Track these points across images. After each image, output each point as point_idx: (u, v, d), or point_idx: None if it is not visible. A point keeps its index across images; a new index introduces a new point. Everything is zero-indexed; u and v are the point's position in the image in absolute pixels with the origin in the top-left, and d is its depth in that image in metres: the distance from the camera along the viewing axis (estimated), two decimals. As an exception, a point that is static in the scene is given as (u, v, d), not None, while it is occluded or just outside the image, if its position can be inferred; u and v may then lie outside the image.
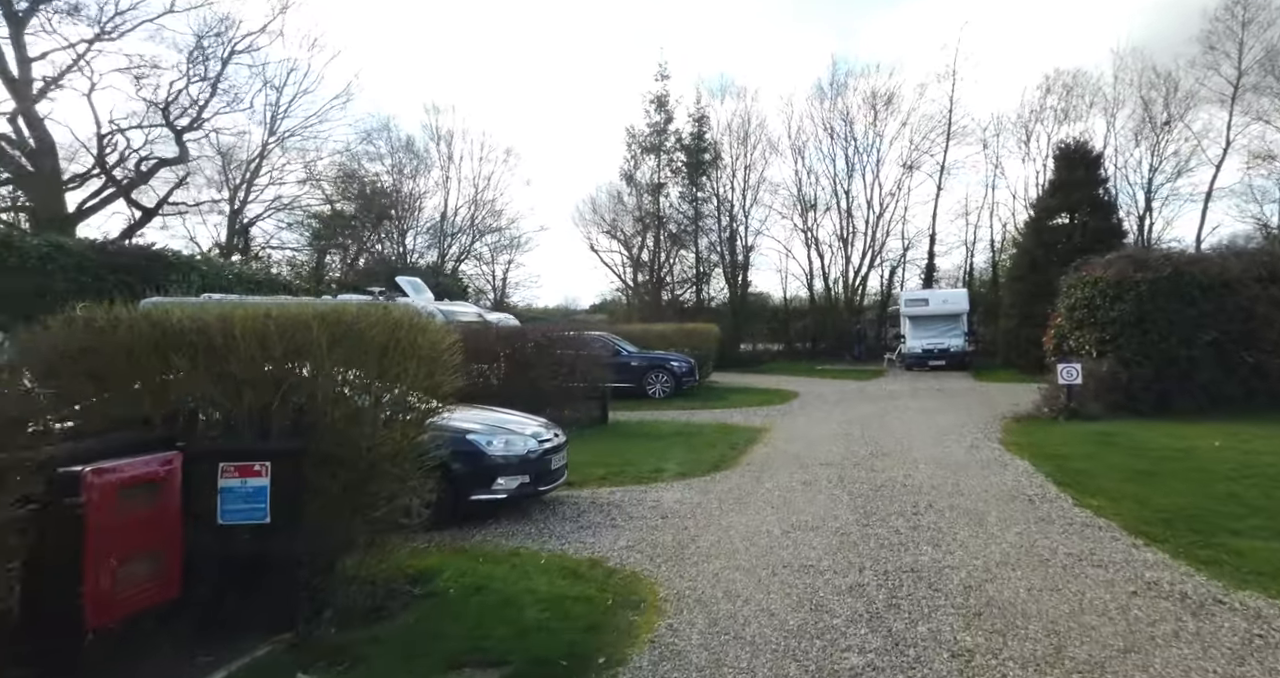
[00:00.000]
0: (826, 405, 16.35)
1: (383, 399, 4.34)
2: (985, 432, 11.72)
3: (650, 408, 16.14)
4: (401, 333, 4.46)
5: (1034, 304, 21.18)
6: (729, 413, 15.13)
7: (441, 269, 31.70)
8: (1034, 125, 31.26)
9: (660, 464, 9.11)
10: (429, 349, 4.74)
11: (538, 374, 12.19)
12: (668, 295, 36.46)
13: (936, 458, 9.42)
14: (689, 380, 18.25)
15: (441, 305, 16.73)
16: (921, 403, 16.49)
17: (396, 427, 4.45)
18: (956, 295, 28.32)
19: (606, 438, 11.39)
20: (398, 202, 30.00)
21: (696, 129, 33.29)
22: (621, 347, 18.30)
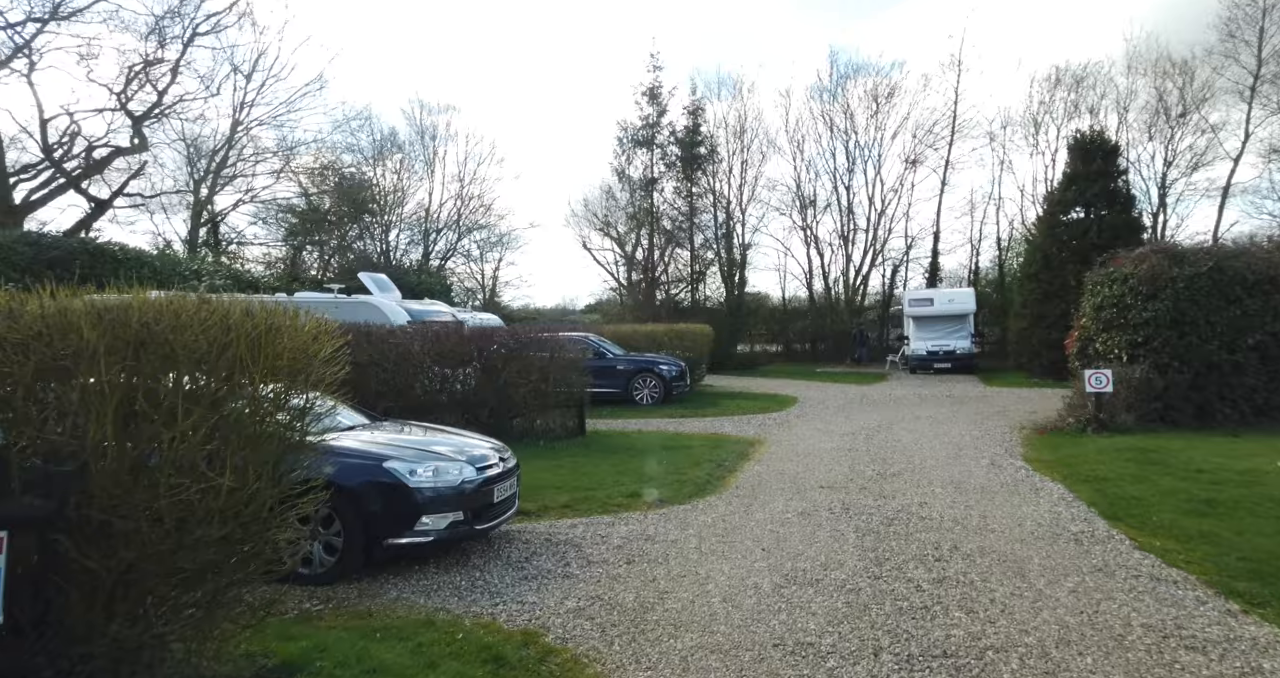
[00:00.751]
0: (827, 414, 15.11)
1: (203, 431, 3.07)
2: (1005, 446, 10.47)
3: (636, 416, 14.90)
4: (241, 335, 3.21)
5: (1047, 304, 19.96)
6: (721, 422, 13.88)
7: (425, 267, 30.44)
8: (1043, 118, 30.07)
9: (636, 487, 7.86)
10: (292, 357, 3.48)
11: (506, 380, 10.96)
12: (662, 295, 35.25)
13: (955, 480, 8.17)
14: (679, 386, 17.01)
15: (411, 304, 15.49)
16: (930, 411, 15.25)
17: (241, 468, 3.21)
18: (963, 295, 27.09)
19: (581, 453, 10.14)
20: (379, 195, 28.77)
21: (691, 122, 32.07)
22: (606, 349, 17.07)
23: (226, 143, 21.15)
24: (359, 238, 27.25)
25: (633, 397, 16.61)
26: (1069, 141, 20.86)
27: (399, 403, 10.53)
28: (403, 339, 10.88)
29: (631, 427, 13.41)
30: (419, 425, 6.58)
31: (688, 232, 33.18)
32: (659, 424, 13.71)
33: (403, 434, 6.12)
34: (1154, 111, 27.96)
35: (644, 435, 12.08)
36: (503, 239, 36.96)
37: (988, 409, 15.30)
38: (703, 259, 34.02)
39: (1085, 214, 19.85)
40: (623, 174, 32.88)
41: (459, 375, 11.02)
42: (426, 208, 31.58)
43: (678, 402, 16.82)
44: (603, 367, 16.66)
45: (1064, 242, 19.82)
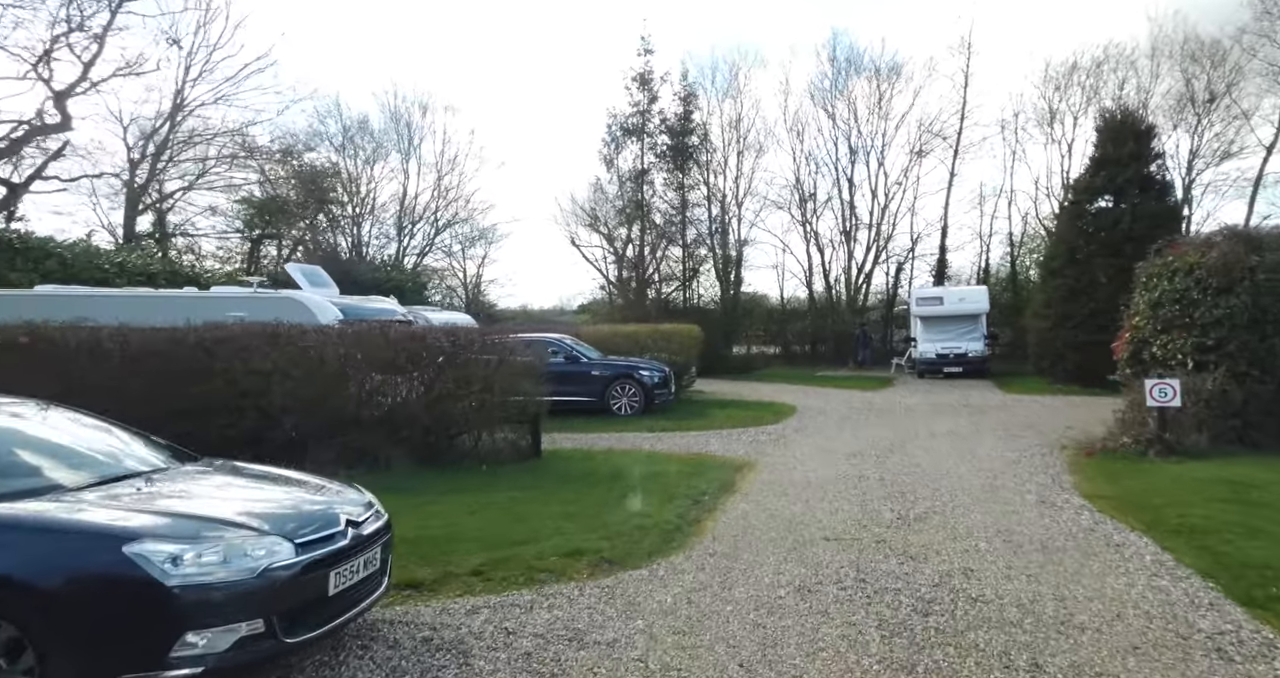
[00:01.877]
0: (829, 427, 13.16)
1: None
2: (1050, 473, 8.52)
3: (610, 428, 12.96)
4: None
5: (1072, 302, 18.03)
6: (707, 438, 11.93)
7: (399, 264, 28.50)
8: (1058, 105, 28.17)
9: (581, 539, 5.91)
10: None
11: (443, 391, 9.02)
12: (654, 294, 33.32)
13: (1002, 528, 6.22)
14: (662, 394, 15.05)
15: (351, 300, 13.52)
16: (947, 423, 13.29)
17: None
18: (975, 293, 25.17)
19: (528, 482, 8.20)
20: (349, 186, 26.83)
21: (683, 109, 30.12)
22: (580, 352, 15.13)
23: (168, 122, 19.16)
24: (326, 231, 25.29)
25: (609, 406, 14.68)
26: (1096, 122, 18.94)
27: (309, 420, 8.61)
28: (317, 341, 8.94)
29: (601, 443, 11.46)
30: (250, 473, 4.60)
31: (680, 227, 31.25)
32: (635, 440, 11.77)
33: (203, 486, 4.15)
34: (1179, 98, 26.06)
35: (613, 456, 10.12)
36: (484, 234, 34.97)
37: (1013, 422, 13.34)
38: (696, 256, 32.10)
39: (1115, 202, 17.90)
40: (611, 165, 30.94)
41: (388, 386, 9.08)
42: (401, 200, 29.64)
43: (660, 412, 14.87)
44: (575, 372, 14.75)
45: (1091, 233, 17.87)
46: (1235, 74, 25.43)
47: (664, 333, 17.74)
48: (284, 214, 22.60)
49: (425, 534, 5.95)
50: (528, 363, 9.77)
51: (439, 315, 20.23)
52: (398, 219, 29.21)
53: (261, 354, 8.66)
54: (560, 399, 14.70)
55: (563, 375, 14.66)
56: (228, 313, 10.68)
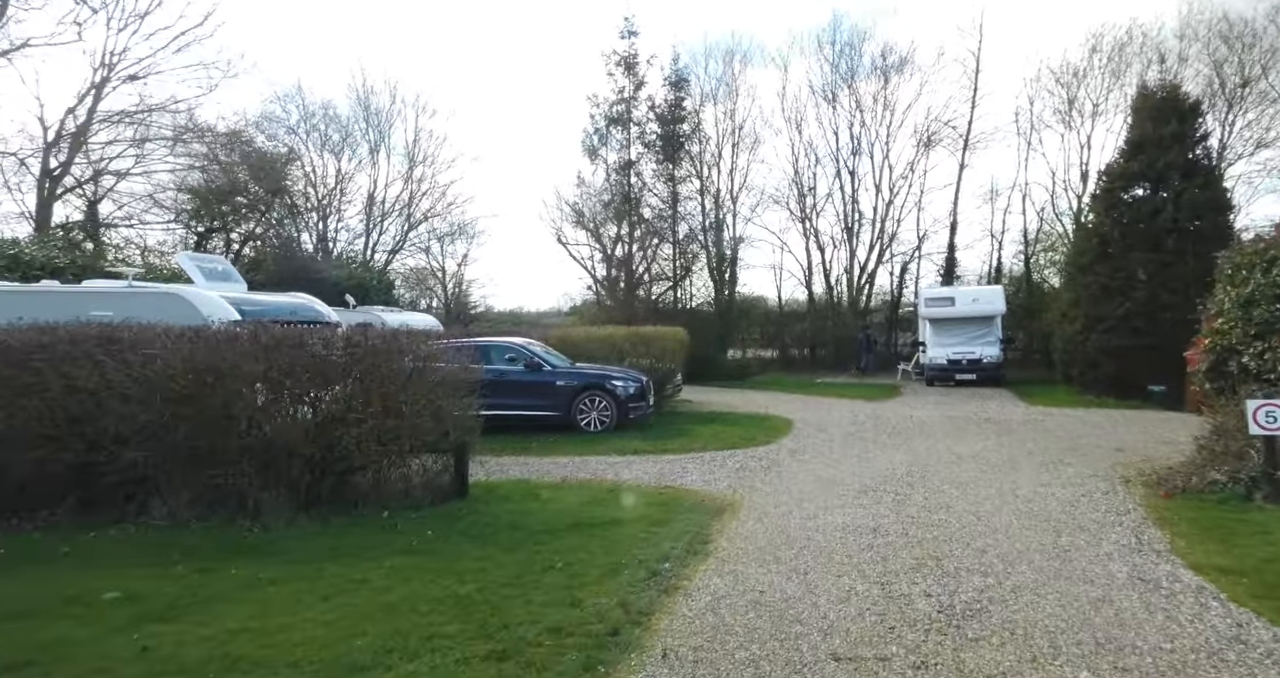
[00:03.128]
0: (832, 448, 11.07)
1: None
2: (1129, 526, 6.43)
3: (573, 449, 10.89)
4: None
5: (1106, 302, 15.96)
6: (685, 464, 9.84)
7: (367, 262, 26.40)
8: (1077, 90, 26.14)
9: (453, 657, 3.82)
10: None
11: (333, 413, 6.93)
12: (644, 295, 31.25)
13: (1100, 637, 4.12)
14: (638, 407, 12.96)
15: (260, 297, 11.44)
16: (972, 444, 11.21)
17: None
18: (990, 293, 23.10)
19: (428, 540, 6.11)
20: (311, 176, 24.76)
21: (673, 96, 28.05)
22: (543, 359, 13.02)
23: (91, 97, 17.04)
24: (288, 224, 23.16)
25: (577, 421, 12.60)
26: (1133, 100, 16.86)
27: (157, 453, 6.54)
28: (170, 349, 6.84)
29: (556, 471, 9.38)
30: None
31: (670, 222, 29.17)
32: (598, 466, 9.68)
33: None
34: (1208, 82, 24.01)
35: (562, 493, 8.03)
36: (462, 230, 32.84)
37: (1051, 442, 11.25)
38: (688, 254, 30.02)
39: (1153, 190, 15.84)
40: (596, 156, 28.85)
41: (271, 406, 6.98)
42: (370, 193, 27.55)
43: (636, 428, 12.81)
44: (537, 382, 12.68)
45: (1127, 225, 15.80)
46: (1271, 57, 23.43)
47: (644, 337, 15.65)
48: (233, 205, 20.50)
49: (219, 651, 3.88)
50: (453, 375, 7.65)
51: (395, 316, 18.16)
52: (366, 213, 27.12)
53: (88, 366, 6.57)
54: (520, 413, 12.72)
55: (522, 386, 12.64)
56: (90, 312, 8.65)
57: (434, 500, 7.25)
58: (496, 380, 12.58)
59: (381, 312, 18.08)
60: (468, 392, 7.80)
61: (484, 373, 12.99)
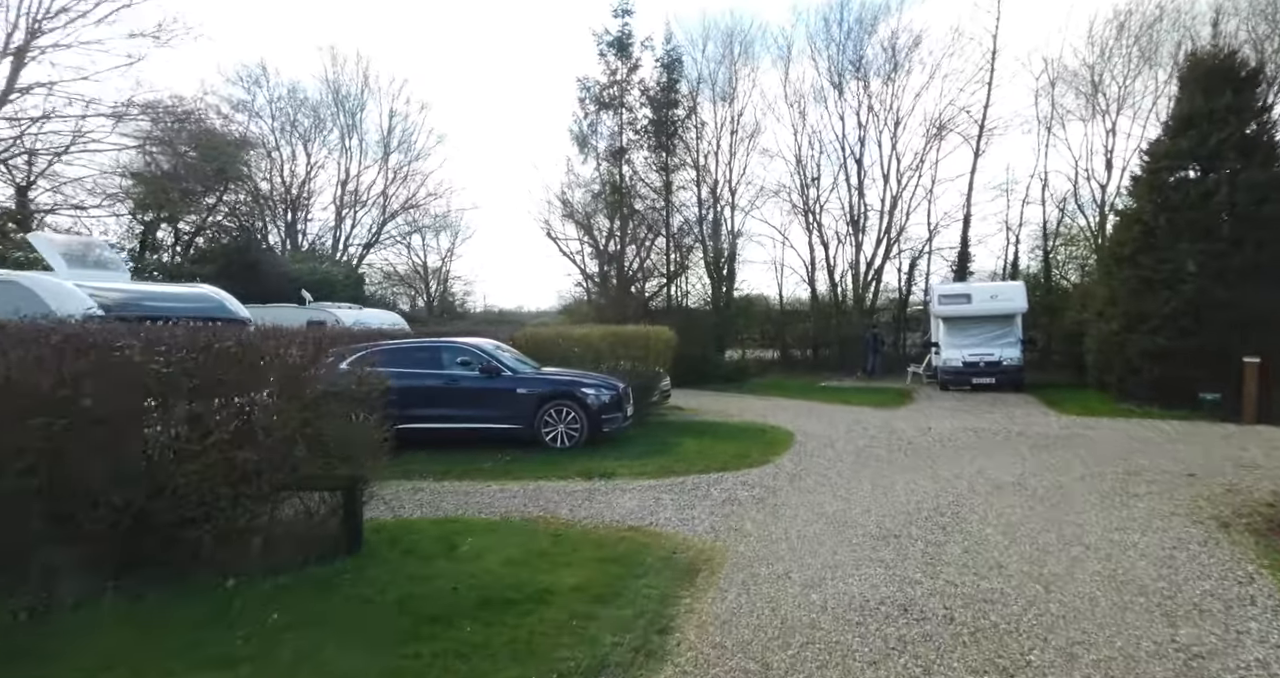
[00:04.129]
0: (840, 471, 9.21)
1: None
2: (1266, 597, 4.59)
3: (529, 472, 9.06)
4: None
5: (1149, 298, 14.09)
6: (659, 493, 8.00)
7: (335, 256, 24.59)
8: (1102, 72, 24.24)
9: None
10: None
11: (163, 442, 5.09)
12: (637, 291, 29.44)
13: None
14: (613, 419, 11.12)
15: (145, 288, 9.61)
16: (1009, 465, 9.35)
17: None
18: (1010, 289, 21.22)
19: (277, 628, 4.29)
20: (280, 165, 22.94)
21: (666, 78, 26.22)
22: (503, 363, 11.17)
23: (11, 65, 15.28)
24: (240, 213, 21.33)
25: (541, 435, 10.76)
26: (1181, 70, 14.96)
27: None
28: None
29: (498, 505, 7.56)
30: None
31: (664, 214, 27.34)
32: (551, 497, 7.86)
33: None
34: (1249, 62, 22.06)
35: (488, 543, 6.18)
36: (444, 223, 31.03)
37: (1102, 464, 9.38)
38: (683, 247, 28.19)
39: (1204, 171, 13.95)
40: (585, 143, 27.06)
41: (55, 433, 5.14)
42: (342, 183, 25.75)
43: (611, 442, 10.99)
44: (495, 391, 10.85)
45: (1175, 210, 13.91)
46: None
47: (625, 337, 13.81)
48: (182, 191, 18.70)
49: None
50: (342, 392, 5.81)
51: (352, 314, 16.37)
52: (337, 203, 25.32)
53: None
54: (473, 427, 10.89)
55: (477, 395, 10.82)
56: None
57: (311, 557, 5.41)
58: (446, 388, 10.80)
59: (336, 309, 16.29)
60: (367, 407, 5.96)
61: (433, 380, 11.26)
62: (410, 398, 10.68)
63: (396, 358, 10.93)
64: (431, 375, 10.82)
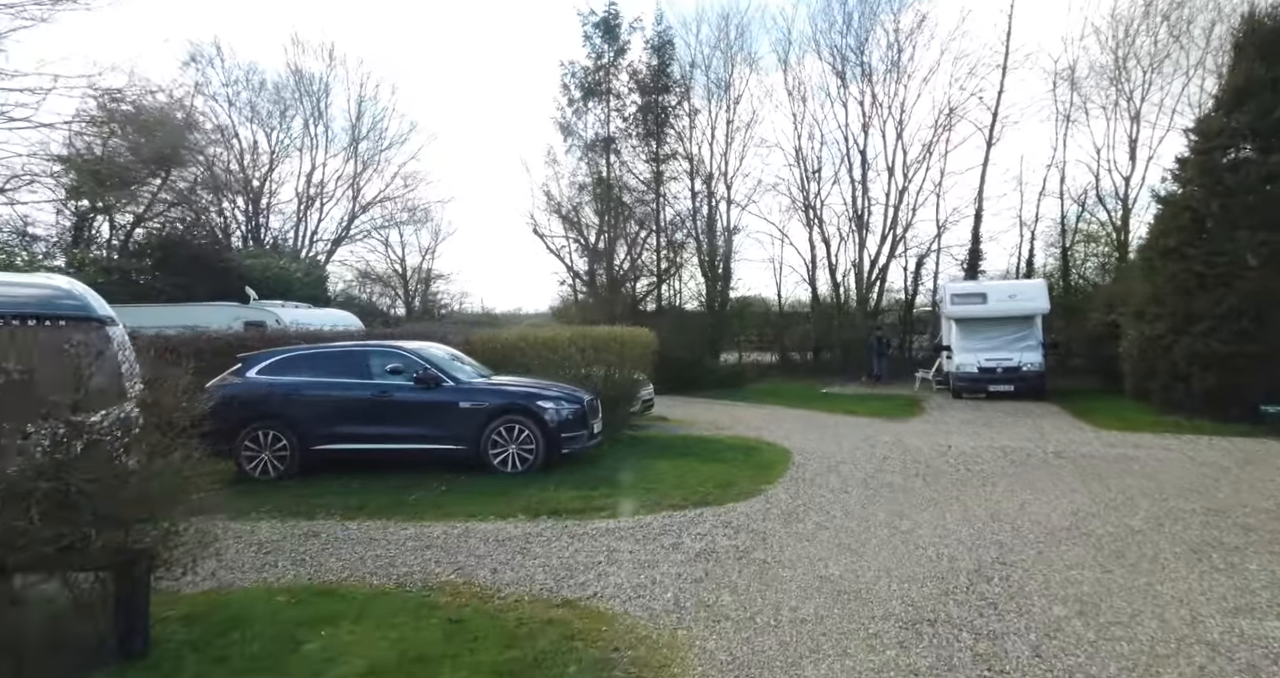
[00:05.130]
0: (845, 508, 7.38)
1: None
2: None
3: (461, 508, 7.27)
4: None
5: (1201, 296, 12.31)
6: (615, 542, 6.20)
7: (297, 251, 22.82)
8: (1127, 52, 22.48)
9: None
10: None
11: None
12: (629, 291, 27.69)
13: None
14: (575, 437, 9.31)
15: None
16: (1055, 499, 7.54)
17: None
18: (1029, 288, 19.45)
19: None
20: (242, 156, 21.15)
21: (657, 61, 24.47)
22: (444, 371, 9.32)
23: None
24: (191, 205, 19.55)
25: (488, 458, 8.96)
26: (1235, 36, 13.18)
27: None
28: None
29: (400, 563, 5.76)
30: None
31: (653, 208, 25.57)
32: (474, 550, 6.07)
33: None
34: None
35: (365, 625, 4.39)
36: (424, 216, 29.26)
37: (1177, 499, 7.56)
38: (675, 243, 26.42)
39: (1265, 150, 12.15)
40: (570, 132, 25.30)
41: None
42: (307, 175, 24.00)
43: (573, 465, 9.21)
44: (432, 404, 9.06)
45: (1232, 194, 12.11)
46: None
47: (598, 340, 12.01)
48: (122, 178, 16.94)
49: None
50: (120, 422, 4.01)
51: (296, 313, 14.58)
52: (302, 195, 23.56)
53: None
54: (405, 448, 9.09)
55: (411, 409, 9.03)
56: None
57: (68, 670, 3.61)
58: (373, 401, 9.01)
59: (280, 308, 14.50)
60: (171, 439, 4.17)
61: (357, 391, 9.46)
62: (328, 413, 8.96)
63: (313, 365, 9.19)
64: (355, 386, 9.02)
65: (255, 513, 7.30)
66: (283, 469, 8.77)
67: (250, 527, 6.83)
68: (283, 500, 7.76)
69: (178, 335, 11.07)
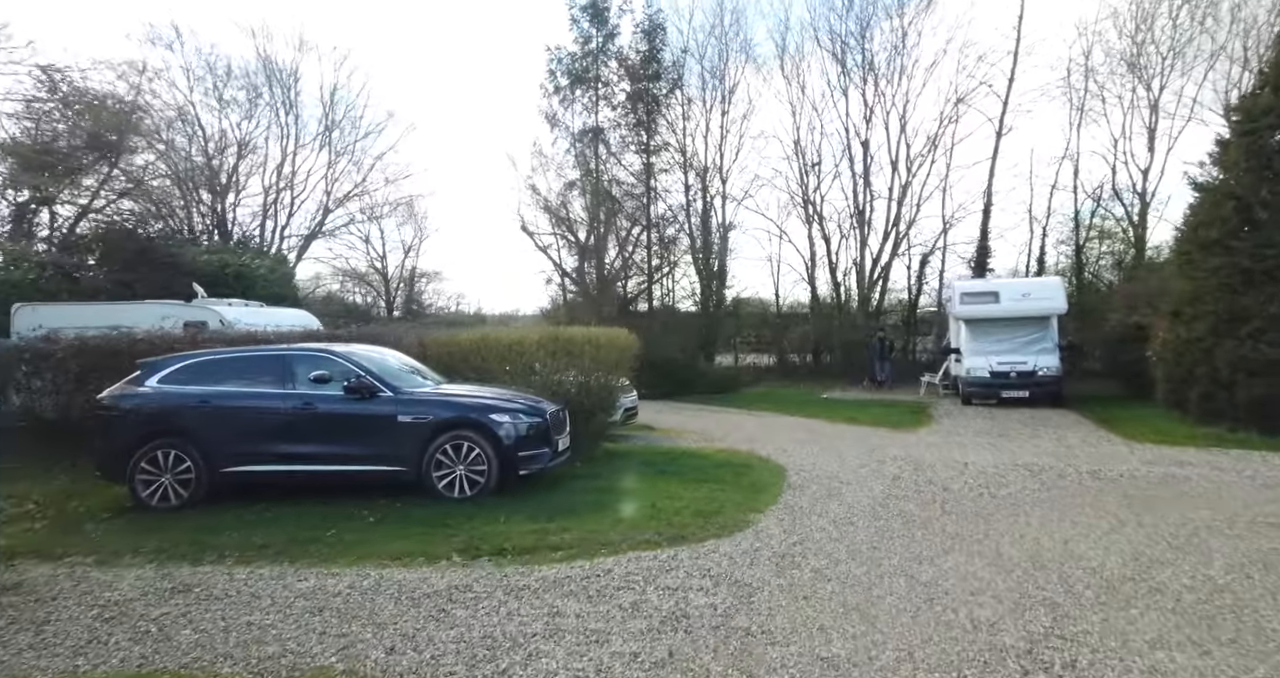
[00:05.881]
0: (850, 545, 6.03)
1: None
2: None
3: (385, 546, 5.93)
4: None
5: (1247, 293, 10.97)
6: (559, 600, 4.87)
7: (263, 248, 21.49)
8: (1146, 35, 21.18)
9: None
10: None
11: None
12: (622, 290, 26.39)
13: None
14: (537, 456, 7.96)
15: None
16: (1107, 538, 6.21)
17: None
18: (1044, 286, 18.12)
19: None
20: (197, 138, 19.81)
21: (647, 46, 23.15)
22: (380, 379, 7.94)
23: None
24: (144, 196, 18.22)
25: (431, 481, 7.63)
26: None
27: None
28: None
29: (269, 634, 4.45)
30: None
31: (643, 201, 24.26)
32: (383, 608, 4.76)
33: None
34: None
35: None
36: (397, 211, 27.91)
37: (1250, 535, 6.22)
38: (665, 240, 25.12)
39: (1318, 130, 10.87)
40: (556, 122, 23.99)
41: None
42: (278, 164, 22.67)
43: (530, 488, 7.88)
44: (364, 418, 7.74)
45: None
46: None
47: (570, 342, 10.69)
48: (66, 166, 15.64)
49: None
50: None
51: (241, 311, 13.26)
52: (265, 187, 22.24)
53: None
54: (333, 470, 7.76)
55: (339, 424, 7.72)
56: None
57: None
58: (296, 414, 7.68)
59: (225, 307, 13.17)
60: None
61: (277, 403, 8.07)
62: (241, 429, 7.62)
63: (227, 372, 7.85)
64: (275, 396, 7.67)
65: (131, 555, 5.98)
66: (186, 496, 7.43)
67: (114, 576, 5.51)
68: (173, 536, 6.43)
69: (101, 336, 9.78)
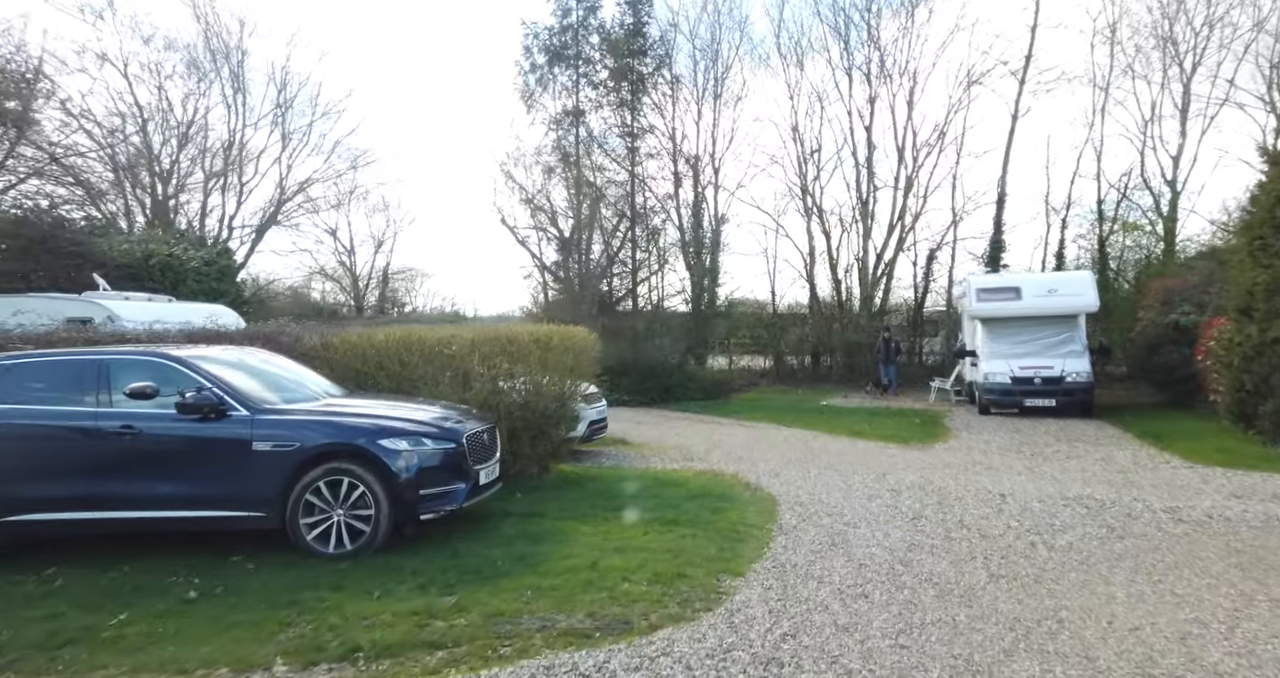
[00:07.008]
0: (864, 631, 4.05)
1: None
2: None
3: (191, 649, 3.89)
4: None
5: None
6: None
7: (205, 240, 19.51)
8: (1174, 12, 19.26)
9: None
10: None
11: None
12: (606, 287, 24.43)
13: None
14: (446, 495, 5.97)
15: None
16: (1246, 625, 4.26)
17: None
18: (1073, 281, 16.16)
19: None
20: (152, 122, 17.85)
21: (633, 19, 21.21)
22: (227, 391, 5.93)
23: None
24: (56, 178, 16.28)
25: (300, 533, 5.66)
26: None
27: None
28: None
29: None
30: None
31: (627, 188, 22.31)
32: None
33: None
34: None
35: None
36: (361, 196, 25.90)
37: None
38: (650, 231, 23.17)
39: None
40: (532, 102, 22.05)
41: None
42: (224, 146, 20.68)
43: (437, 535, 5.93)
44: (205, 444, 5.72)
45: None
46: None
47: (510, 341, 8.71)
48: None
49: None
50: None
51: (138, 306, 11.29)
52: (204, 172, 20.26)
53: None
54: (162, 516, 5.75)
55: (169, 453, 5.73)
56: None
57: None
58: (112, 440, 5.69)
59: (122, 301, 11.21)
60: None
61: (85, 423, 5.93)
62: (33, 461, 5.65)
63: (20, 383, 5.86)
64: (80, 416, 5.69)
65: None
66: (-54, 554, 5.45)
67: None
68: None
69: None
